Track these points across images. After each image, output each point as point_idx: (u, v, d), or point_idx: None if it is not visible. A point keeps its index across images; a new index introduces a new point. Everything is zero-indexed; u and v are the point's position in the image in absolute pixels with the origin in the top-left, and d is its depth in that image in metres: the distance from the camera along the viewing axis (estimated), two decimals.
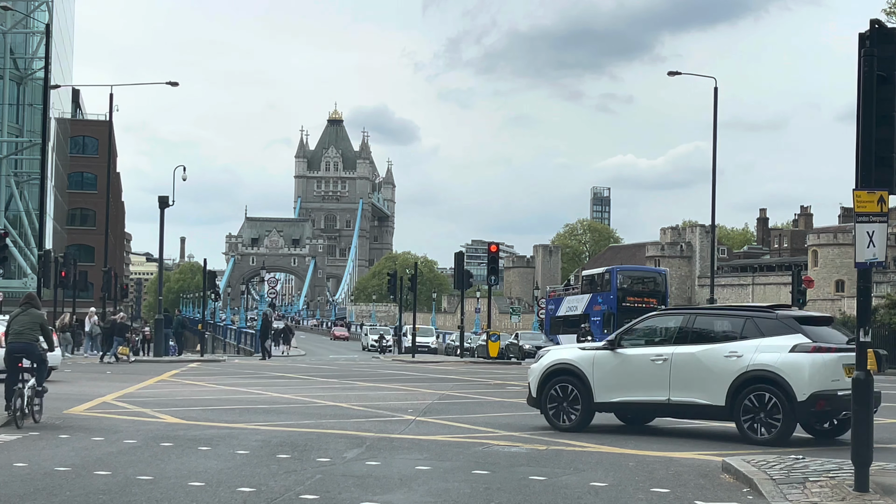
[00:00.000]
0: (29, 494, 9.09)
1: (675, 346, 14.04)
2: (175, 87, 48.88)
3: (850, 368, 11.96)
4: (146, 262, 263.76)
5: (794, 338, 13.31)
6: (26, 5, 65.54)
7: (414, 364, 40.05)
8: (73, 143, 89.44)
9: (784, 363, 13.11)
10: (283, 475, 10.31)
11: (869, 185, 9.43)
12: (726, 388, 13.36)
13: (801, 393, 12.93)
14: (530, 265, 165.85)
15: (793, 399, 12.95)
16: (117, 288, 54.05)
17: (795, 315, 13.91)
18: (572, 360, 14.79)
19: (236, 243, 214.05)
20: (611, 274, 53.00)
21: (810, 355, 13.09)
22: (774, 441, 12.96)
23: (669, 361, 13.92)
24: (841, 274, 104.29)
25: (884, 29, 9.53)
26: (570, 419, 14.56)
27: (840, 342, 13.43)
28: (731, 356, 13.47)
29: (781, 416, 13.02)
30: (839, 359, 13.06)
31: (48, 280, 41.48)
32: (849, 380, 11.38)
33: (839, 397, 12.81)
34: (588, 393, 14.46)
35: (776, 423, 13.05)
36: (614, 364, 14.44)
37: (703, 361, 13.67)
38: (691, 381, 13.74)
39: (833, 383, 12.95)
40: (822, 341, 13.29)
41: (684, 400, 13.82)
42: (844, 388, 12.41)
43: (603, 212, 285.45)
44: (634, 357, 14.31)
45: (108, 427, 14.46)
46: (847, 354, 12.60)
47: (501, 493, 9.51)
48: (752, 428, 13.25)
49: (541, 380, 14.93)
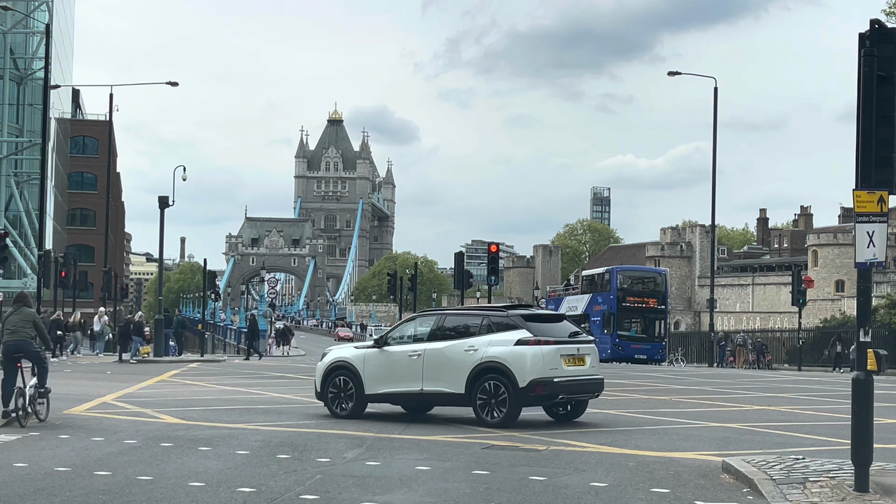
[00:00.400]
0: (29, 494, 9.09)
1: (427, 344, 15.81)
2: (175, 87, 48.93)
3: (568, 358, 15.06)
4: (146, 262, 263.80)
5: (519, 333, 15.10)
6: (26, 5, 65.56)
7: None
8: (73, 143, 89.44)
9: (509, 354, 14.91)
10: (284, 475, 10.31)
11: (869, 185, 9.43)
12: (465, 378, 15.15)
13: (522, 380, 14.73)
14: (530, 265, 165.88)
15: (516, 385, 14.74)
16: (117, 288, 54.05)
17: (523, 314, 15.67)
18: (348, 357, 16.55)
19: (236, 243, 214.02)
20: (611, 274, 52.99)
21: (531, 347, 14.88)
22: (503, 423, 14.73)
23: (422, 356, 15.71)
24: (841, 274, 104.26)
25: (884, 29, 9.53)
26: (346, 408, 16.24)
27: (562, 336, 15.35)
28: (470, 350, 15.27)
29: (507, 400, 14.80)
30: (557, 350, 15.01)
31: (48, 280, 41.43)
32: (567, 368, 14.99)
33: (555, 383, 14.86)
34: (360, 385, 16.22)
35: (504, 407, 14.82)
36: (380, 360, 16.21)
37: (448, 356, 15.48)
38: (439, 373, 15.52)
39: (551, 371, 14.87)
40: (545, 335, 15.08)
41: (434, 389, 15.60)
42: (561, 375, 14.89)
43: (603, 212, 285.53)
44: (395, 354, 16.10)
45: (108, 427, 14.46)
46: (565, 346, 15.13)
47: (501, 493, 9.51)
48: (486, 412, 14.97)
49: (323, 375, 16.60)
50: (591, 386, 15.60)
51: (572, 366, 15.18)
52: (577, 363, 15.30)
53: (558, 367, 14.93)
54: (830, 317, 72.80)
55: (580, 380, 15.28)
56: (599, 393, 15.93)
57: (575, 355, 15.29)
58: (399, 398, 16.29)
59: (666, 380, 29.42)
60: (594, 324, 51.71)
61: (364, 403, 16.35)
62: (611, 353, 49.63)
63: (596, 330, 51.14)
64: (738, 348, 51.92)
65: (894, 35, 9.52)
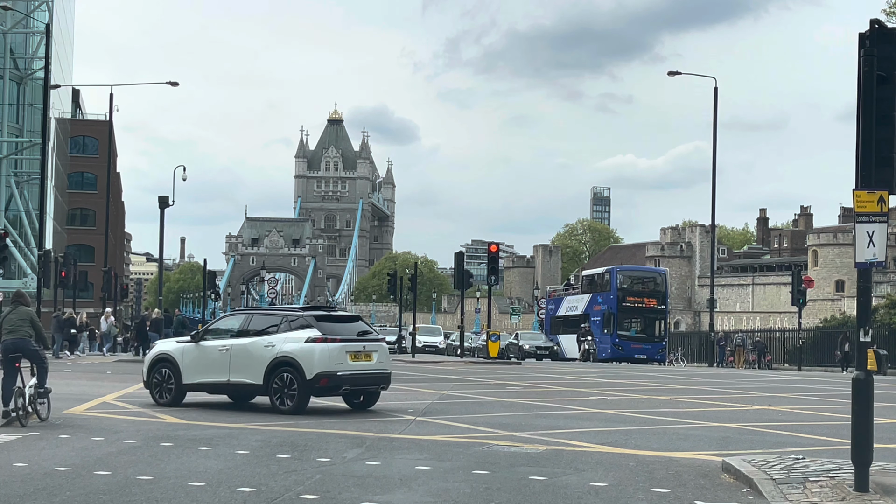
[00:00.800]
0: (29, 494, 9.09)
1: (235, 340, 17.61)
2: (175, 87, 48.94)
3: (354, 354, 16.94)
4: (146, 262, 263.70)
5: (310, 332, 16.88)
6: (26, 5, 65.49)
7: (413, 364, 40.03)
8: (73, 143, 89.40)
9: (300, 350, 16.71)
10: (284, 475, 10.31)
11: (869, 185, 9.43)
12: (263, 370, 16.90)
13: (309, 373, 16.53)
14: (530, 265, 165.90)
15: (304, 378, 16.54)
16: (117, 288, 54.04)
17: (316, 314, 17.49)
18: (170, 351, 18.41)
19: (236, 243, 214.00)
20: (611, 274, 53.00)
21: (319, 344, 16.69)
22: (293, 410, 16.52)
23: (230, 351, 17.49)
24: (841, 274, 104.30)
25: (884, 29, 9.53)
26: (167, 397, 17.99)
27: (350, 335, 17.15)
28: (269, 346, 17.02)
29: (297, 391, 16.59)
30: (342, 347, 16.84)
31: (48, 280, 41.43)
32: (352, 363, 16.88)
33: (339, 376, 16.71)
34: (179, 376, 18.00)
35: (294, 397, 16.61)
36: (196, 354, 18.01)
37: (251, 351, 17.22)
38: (243, 366, 17.26)
39: (336, 365, 16.71)
40: (333, 334, 16.90)
41: (238, 380, 17.37)
42: (346, 369, 16.79)
43: (603, 212, 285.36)
44: (208, 348, 17.88)
45: (108, 427, 14.46)
46: (351, 344, 16.97)
47: (501, 493, 9.51)
48: (279, 401, 16.74)
49: (149, 367, 18.40)
50: (377, 379, 17.46)
51: (358, 361, 17.10)
52: (364, 359, 17.19)
53: (343, 363, 16.83)
54: (830, 317, 72.82)
55: (365, 373, 17.19)
56: (386, 386, 17.80)
57: (361, 352, 17.17)
58: (211, 387, 18.05)
59: (666, 380, 29.43)
60: (594, 324, 51.72)
61: (183, 393, 18.17)
62: (611, 352, 49.66)
63: (596, 330, 51.17)
64: (738, 348, 51.93)
65: (894, 35, 9.52)
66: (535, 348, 54.36)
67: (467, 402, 20.24)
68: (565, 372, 33.57)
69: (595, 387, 25.31)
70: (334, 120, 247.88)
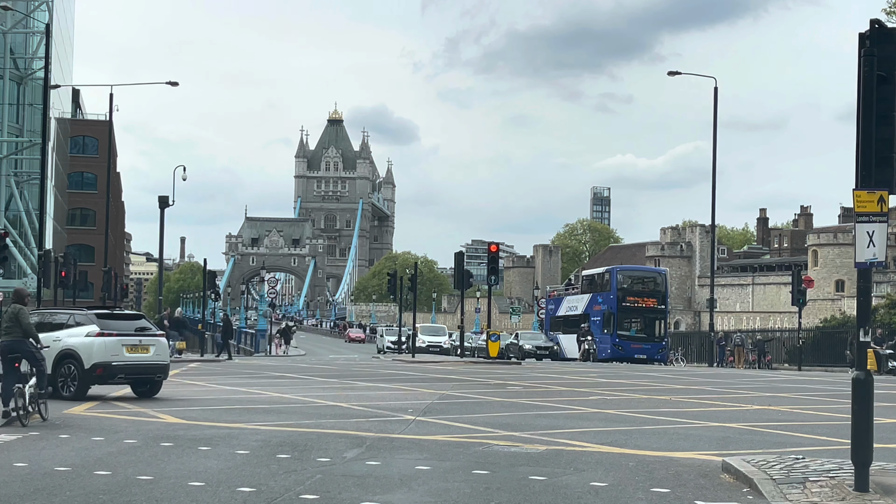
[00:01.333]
0: (29, 494, 9.09)
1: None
2: (175, 87, 48.92)
3: (130, 347, 19.04)
4: (146, 262, 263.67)
5: (91, 328, 18.99)
6: (26, 5, 65.45)
7: (414, 364, 40.04)
8: (73, 143, 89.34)
9: (80, 344, 18.85)
10: (283, 475, 10.31)
11: (869, 185, 9.42)
12: (52, 361, 18.24)
13: (87, 363, 18.68)
14: (530, 265, 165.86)
15: (83, 367, 18.69)
16: (117, 288, 54.04)
17: (98, 312, 19.71)
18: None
19: (236, 243, 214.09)
20: (611, 274, 52.94)
21: (96, 338, 18.80)
22: (74, 396, 18.56)
23: None
24: (841, 274, 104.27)
25: (884, 29, 9.52)
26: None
27: (128, 331, 19.27)
28: (57, 341, 18.83)
29: (78, 379, 18.75)
30: (118, 341, 18.92)
31: (48, 280, 41.40)
32: (129, 355, 19.01)
33: (114, 366, 18.85)
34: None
35: (76, 385, 18.75)
36: None
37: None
38: None
39: (112, 357, 18.84)
40: (111, 330, 18.99)
41: None
42: (121, 360, 18.88)
43: (603, 212, 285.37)
44: None
45: (108, 427, 14.47)
46: (128, 338, 19.06)
47: (501, 493, 9.51)
48: (63, 388, 18.77)
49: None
50: (153, 369, 19.50)
51: (135, 353, 19.11)
52: (141, 351, 19.21)
53: (119, 354, 18.91)
54: (830, 317, 72.81)
55: (140, 364, 19.19)
56: (164, 376, 20.00)
57: (137, 345, 19.18)
58: None
59: (666, 380, 29.42)
60: (594, 324, 51.67)
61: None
62: (611, 352, 49.61)
63: (596, 330, 51.12)
64: (737, 348, 51.92)
65: (894, 35, 9.52)
66: (535, 348, 54.34)
67: (467, 401, 20.23)
68: (565, 372, 33.57)
69: (595, 387, 25.30)
70: (334, 120, 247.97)
